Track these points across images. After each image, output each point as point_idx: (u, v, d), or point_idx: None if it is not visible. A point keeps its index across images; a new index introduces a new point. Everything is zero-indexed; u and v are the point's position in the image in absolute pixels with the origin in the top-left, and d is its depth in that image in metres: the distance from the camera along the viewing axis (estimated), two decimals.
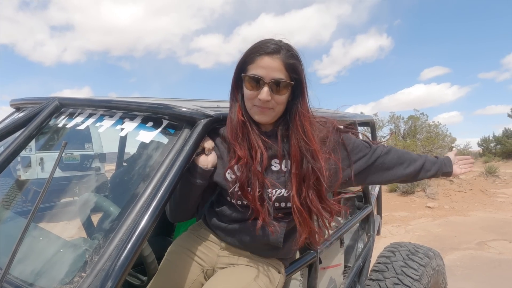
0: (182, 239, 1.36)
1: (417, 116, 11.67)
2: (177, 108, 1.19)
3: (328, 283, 1.82)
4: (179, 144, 1.12)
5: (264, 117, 1.17)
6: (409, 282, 2.18)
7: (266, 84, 1.13)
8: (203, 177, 1.21)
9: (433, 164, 1.46)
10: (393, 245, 2.56)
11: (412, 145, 9.98)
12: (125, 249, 0.89)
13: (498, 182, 11.74)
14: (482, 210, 8.41)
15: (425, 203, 8.79)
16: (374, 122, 2.95)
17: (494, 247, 5.72)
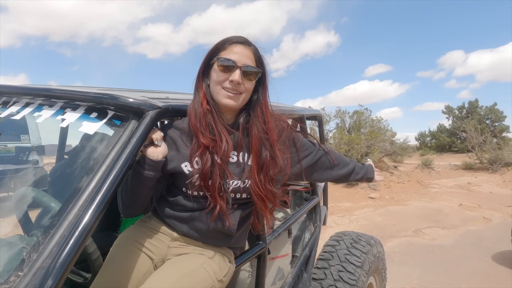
0: (130, 232, 1.33)
1: (361, 111, 12.24)
2: (124, 99, 1.14)
3: (276, 273, 1.86)
4: (125, 136, 1.08)
5: (232, 101, 1.21)
6: (352, 269, 2.29)
7: (238, 67, 1.20)
8: (154, 168, 1.18)
9: (361, 169, 1.66)
10: (338, 234, 2.68)
11: (357, 138, 10.45)
12: (66, 246, 0.85)
13: (432, 174, 12.66)
14: (418, 200, 9.03)
15: (368, 194, 9.25)
16: (321, 116, 3.04)
17: (428, 234, 6.17)
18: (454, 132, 24.81)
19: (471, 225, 6.69)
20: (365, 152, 10.39)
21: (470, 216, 7.33)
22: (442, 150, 25.24)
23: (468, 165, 13.76)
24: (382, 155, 11.42)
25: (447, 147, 25.24)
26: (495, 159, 12.72)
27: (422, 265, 4.69)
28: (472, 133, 14.13)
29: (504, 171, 12.40)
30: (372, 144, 10.57)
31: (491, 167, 12.71)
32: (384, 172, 11.00)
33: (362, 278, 2.31)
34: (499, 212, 7.58)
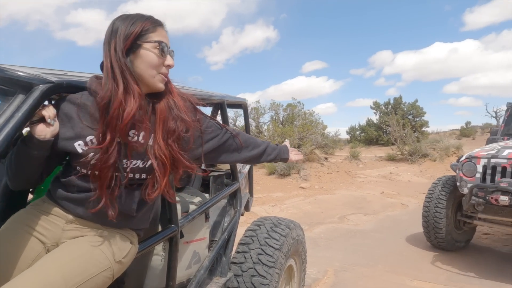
0: (19, 215, 1.23)
1: (294, 105, 12.63)
2: (11, 71, 1.05)
3: (192, 257, 1.86)
4: (9, 111, 1.00)
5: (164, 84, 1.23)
6: (271, 251, 2.36)
7: (171, 51, 1.23)
8: (40, 148, 1.11)
9: (273, 149, 1.68)
10: (259, 219, 2.74)
11: (290, 131, 10.77)
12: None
13: (359, 165, 13.45)
14: (345, 189, 9.56)
15: (299, 184, 9.60)
16: (246, 105, 3.07)
17: (352, 220, 6.56)
18: (380, 126, 26.57)
19: (390, 211, 7.23)
20: (297, 144, 10.74)
21: (390, 203, 7.92)
22: (370, 143, 26.96)
23: (391, 157, 14.82)
24: (314, 147, 11.90)
25: (374, 140, 27.00)
26: (414, 151, 13.86)
27: (344, 249, 4.98)
28: (395, 127, 15.25)
29: (421, 161, 13.54)
30: (304, 137, 10.96)
31: (411, 158, 13.82)
32: (315, 163, 11.48)
33: (281, 260, 2.39)
34: (415, 199, 8.28)
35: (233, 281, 2.23)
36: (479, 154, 4.39)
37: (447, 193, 4.76)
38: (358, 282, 3.90)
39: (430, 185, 5.02)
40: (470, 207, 4.20)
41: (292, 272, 2.80)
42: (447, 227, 4.68)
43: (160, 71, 1.21)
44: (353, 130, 30.27)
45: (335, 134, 15.67)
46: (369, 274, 4.13)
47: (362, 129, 29.30)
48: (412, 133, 15.06)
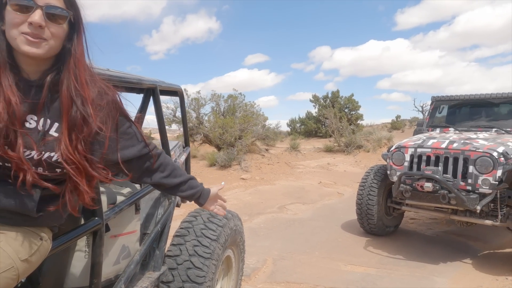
0: None
1: (235, 96, 12.59)
2: None
3: (120, 251, 1.73)
4: None
5: (35, 48, 0.98)
6: (208, 242, 2.29)
7: (39, 7, 0.97)
8: None
9: (191, 188, 1.47)
10: (196, 211, 2.65)
11: (231, 122, 10.71)
12: None
13: (299, 156, 13.79)
14: (285, 179, 9.74)
15: (240, 175, 9.61)
16: (182, 92, 2.96)
17: (291, 209, 6.69)
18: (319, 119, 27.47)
19: (327, 200, 7.49)
20: (238, 136, 10.73)
21: (327, 192, 8.21)
22: (309, 135, 27.80)
23: (328, 148, 15.40)
24: (255, 138, 11.98)
25: (313, 132, 27.87)
26: (350, 142, 14.51)
27: (283, 238, 5.06)
28: (332, 120, 15.84)
29: (356, 152, 14.23)
30: (245, 128, 10.97)
31: (347, 149, 14.46)
32: (256, 154, 11.56)
33: (218, 251, 2.34)
34: (350, 188, 8.66)
35: (167, 274, 2.14)
36: (407, 144, 4.66)
37: (378, 181, 5.01)
38: (296, 269, 3.97)
39: (363, 174, 5.25)
40: (399, 193, 4.45)
41: (230, 263, 2.76)
42: (379, 213, 4.94)
43: (22, 30, 0.97)
44: (293, 123, 31.01)
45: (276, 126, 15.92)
46: (306, 261, 4.23)
47: (302, 121, 30.10)
48: (348, 126, 15.75)
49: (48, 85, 1.04)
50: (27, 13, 0.97)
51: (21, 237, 1.05)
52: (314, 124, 28.20)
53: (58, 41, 1.03)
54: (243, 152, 10.49)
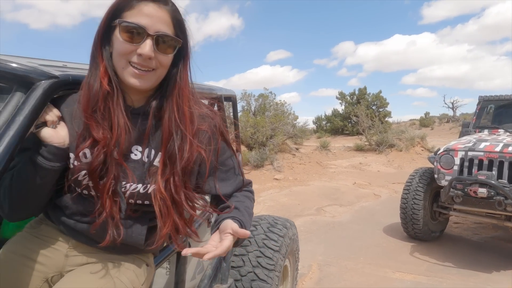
0: (14, 243, 1.03)
1: (266, 95, 12.53)
2: (4, 64, 0.85)
3: (196, 266, 1.71)
4: (7, 113, 0.80)
5: (143, 81, 0.93)
6: (270, 253, 2.25)
7: (149, 36, 0.90)
8: (59, 157, 0.91)
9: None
10: (254, 219, 2.61)
11: (262, 121, 10.67)
12: None
13: (329, 155, 13.61)
14: (318, 179, 9.61)
15: (273, 175, 9.54)
16: (235, 98, 2.92)
17: (329, 211, 6.58)
18: (346, 117, 27.10)
19: (364, 202, 7.33)
20: (270, 135, 10.67)
21: (363, 193, 8.04)
22: (335, 133, 27.48)
23: (359, 147, 15.12)
24: (286, 137, 11.89)
25: (340, 130, 27.54)
26: (381, 141, 14.19)
27: (325, 242, 4.97)
28: (363, 118, 15.53)
29: (388, 151, 13.91)
30: (276, 127, 10.90)
31: (378, 148, 14.15)
32: (287, 154, 11.47)
33: (280, 262, 2.29)
34: (386, 189, 8.46)
35: (233, 287, 2.11)
36: (456, 147, 4.48)
37: (424, 185, 4.85)
38: (343, 276, 3.89)
39: (408, 177, 5.09)
40: (449, 198, 4.29)
41: (287, 272, 2.72)
42: (424, 218, 4.78)
43: (131, 60, 0.92)
44: (319, 120, 30.71)
45: (304, 124, 15.75)
46: (352, 267, 4.14)
47: (328, 119, 29.77)
48: (379, 124, 15.42)
49: (153, 113, 0.98)
50: (137, 43, 0.91)
51: (132, 266, 1.03)
52: (340, 121, 27.85)
53: (164, 70, 0.98)
54: (274, 152, 10.42)
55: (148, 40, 0.90)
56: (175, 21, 0.95)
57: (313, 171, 10.48)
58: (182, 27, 0.97)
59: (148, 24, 0.90)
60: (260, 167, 9.86)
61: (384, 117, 27.17)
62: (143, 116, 0.99)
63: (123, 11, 0.92)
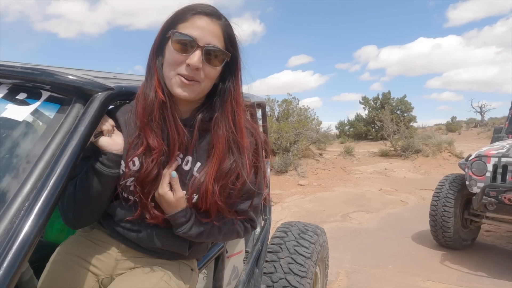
0: (68, 244, 1.08)
1: (290, 100, 12.51)
2: (63, 76, 0.90)
3: (232, 271, 1.74)
4: (68, 124, 0.85)
5: (187, 91, 0.95)
6: (302, 260, 2.25)
7: (199, 47, 0.93)
8: (118, 164, 0.96)
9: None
10: (284, 225, 2.62)
11: (286, 127, 10.65)
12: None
13: (354, 161, 13.45)
14: (343, 185, 9.51)
15: (297, 181, 9.51)
16: (265, 104, 2.95)
17: (355, 218, 6.50)
18: (370, 121, 26.72)
19: (390, 208, 7.20)
20: (293, 140, 10.64)
21: (389, 200, 7.90)
22: (359, 138, 27.12)
23: (384, 152, 14.87)
24: (309, 143, 11.83)
25: (363, 135, 27.17)
26: (407, 146, 13.92)
27: (351, 249, 4.91)
28: (388, 123, 15.28)
29: (414, 157, 13.62)
30: (300, 133, 10.86)
31: (404, 154, 13.88)
32: (311, 159, 11.40)
33: (311, 269, 2.29)
34: (413, 195, 8.28)
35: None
36: (488, 153, 4.35)
37: (455, 191, 4.72)
38: (373, 284, 3.83)
39: (437, 184, 4.97)
40: (481, 206, 4.17)
41: (317, 279, 2.70)
42: (455, 226, 4.65)
43: (179, 71, 0.94)
44: (342, 125, 30.40)
45: (328, 129, 15.64)
46: (381, 275, 4.07)
47: (351, 124, 29.43)
48: (405, 129, 15.12)
49: (198, 125, 1.01)
50: (187, 54, 0.93)
51: (178, 270, 1.07)
52: (364, 126, 27.48)
53: (210, 83, 1.00)
54: (298, 157, 10.38)
55: (197, 51, 0.93)
56: (226, 35, 0.98)
57: (337, 177, 10.38)
58: (233, 42, 1.00)
59: (199, 36, 0.93)
60: (284, 172, 9.84)
61: (409, 122, 26.65)
62: (188, 127, 1.01)
63: (178, 23, 0.95)
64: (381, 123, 16.68)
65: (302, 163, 10.47)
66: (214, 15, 0.97)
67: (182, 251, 1.06)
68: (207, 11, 0.96)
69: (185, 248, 1.06)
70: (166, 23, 0.97)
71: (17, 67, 0.92)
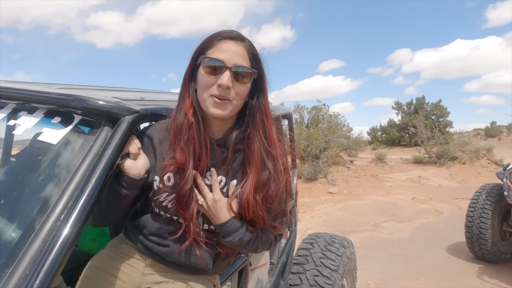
0: (98, 260, 1.15)
1: (319, 107, 12.43)
2: (93, 101, 0.97)
3: (256, 284, 1.75)
4: (98, 146, 0.91)
5: (221, 109, 1.02)
6: (328, 273, 2.24)
7: (227, 68, 1.00)
8: (134, 186, 1.02)
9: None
10: (310, 237, 2.62)
11: (316, 134, 10.59)
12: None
13: (386, 168, 13.14)
14: (374, 194, 9.32)
15: (327, 189, 9.41)
16: (292, 115, 2.96)
17: (386, 227, 6.35)
18: (403, 127, 26.02)
19: (424, 218, 6.98)
20: (323, 148, 10.55)
21: (423, 209, 7.66)
22: (392, 144, 26.43)
23: (417, 159, 14.44)
24: (339, 149, 11.69)
25: (396, 141, 26.46)
26: (442, 153, 13.45)
27: (382, 260, 4.80)
28: (422, 128, 14.85)
29: (450, 164, 13.14)
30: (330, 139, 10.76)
31: (439, 161, 13.42)
32: (341, 166, 11.26)
33: (338, 282, 2.26)
34: (448, 205, 7.99)
35: None
36: None
37: (492, 202, 4.52)
38: None
39: (473, 194, 4.78)
40: None
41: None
42: (493, 238, 4.45)
43: (212, 92, 1.01)
44: (374, 131, 29.75)
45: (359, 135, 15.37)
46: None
47: (384, 129, 28.76)
48: (440, 135, 14.62)
49: (233, 145, 1.07)
50: (217, 75, 1.00)
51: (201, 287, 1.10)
52: (397, 132, 26.77)
53: (240, 100, 1.06)
54: (328, 164, 10.27)
55: (226, 72, 1.00)
56: (251, 54, 1.06)
57: (368, 185, 10.18)
58: (258, 60, 1.07)
59: (227, 58, 1.01)
60: (313, 180, 9.77)
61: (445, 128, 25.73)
62: (222, 147, 1.08)
63: (206, 50, 1.04)
64: (414, 129, 16.22)
65: (332, 171, 10.35)
66: (238, 38, 1.05)
67: (206, 266, 1.10)
68: (231, 35, 1.04)
69: (209, 263, 1.10)
70: (196, 52, 1.06)
71: (52, 93, 0.99)
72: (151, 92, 1.67)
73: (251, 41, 1.07)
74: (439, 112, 26.65)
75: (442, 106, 26.71)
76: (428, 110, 26.84)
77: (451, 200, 8.46)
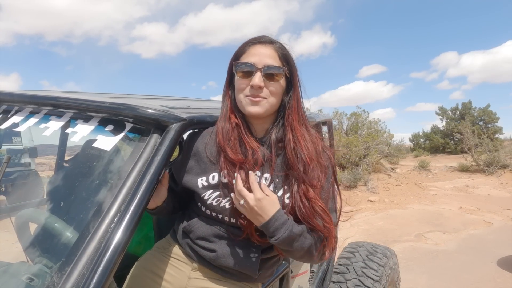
0: (145, 260, 1.19)
1: (359, 113, 12.18)
2: (143, 110, 1.01)
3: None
4: (147, 152, 0.95)
5: (256, 107, 1.07)
6: (370, 283, 2.18)
7: (258, 70, 1.06)
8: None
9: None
10: (351, 246, 2.56)
11: (355, 141, 10.38)
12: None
13: (429, 176, 12.62)
14: (417, 202, 8.97)
15: (367, 197, 9.17)
16: (331, 122, 2.93)
17: (430, 238, 6.09)
18: (447, 133, 24.93)
19: (472, 229, 6.63)
20: (363, 155, 10.32)
21: (471, 220, 7.27)
22: (435, 151, 25.37)
23: (464, 167, 13.76)
24: (380, 157, 11.37)
25: (440, 149, 25.36)
26: (492, 161, 12.73)
27: (428, 271, 4.60)
28: (468, 135, 14.15)
29: (500, 173, 12.41)
30: (370, 146, 10.50)
31: (488, 169, 12.71)
32: (382, 174, 10.94)
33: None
34: (499, 216, 7.54)
35: None
36: None
37: None
38: None
39: None
40: None
41: None
42: None
43: (246, 93, 1.07)
44: (417, 138, 28.70)
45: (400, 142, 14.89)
46: None
47: (427, 136, 27.68)
48: (489, 142, 13.86)
49: (274, 144, 1.10)
50: (249, 77, 1.06)
51: None
52: (441, 139, 25.67)
53: (276, 98, 1.10)
54: (368, 172, 10.02)
55: (258, 73, 1.06)
56: (281, 54, 1.10)
57: (411, 193, 9.81)
58: (288, 59, 1.11)
59: (257, 60, 1.07)
60: (353, 187, 9.57)
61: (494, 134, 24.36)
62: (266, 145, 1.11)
63: (239, 57, 1.11)
64: (460, 136, 15.48)
65: (372, 178, 10.08)
66: (267, 41, 1.10)
67: (252, 272, 1.11)
68: (260, 40, 1.10)
69: (255, 270, 1.11)
70: (231, 61, 1.12)
71: (106, 103, 1.05)
72: (195, 100, 1.72)
73: (280, 43, 1.12)
74: (487, 118, 25.29)
75: (491, 111, 25.33)
76: (475, 115, 25.55)
77: (502, 210, 7.98)
